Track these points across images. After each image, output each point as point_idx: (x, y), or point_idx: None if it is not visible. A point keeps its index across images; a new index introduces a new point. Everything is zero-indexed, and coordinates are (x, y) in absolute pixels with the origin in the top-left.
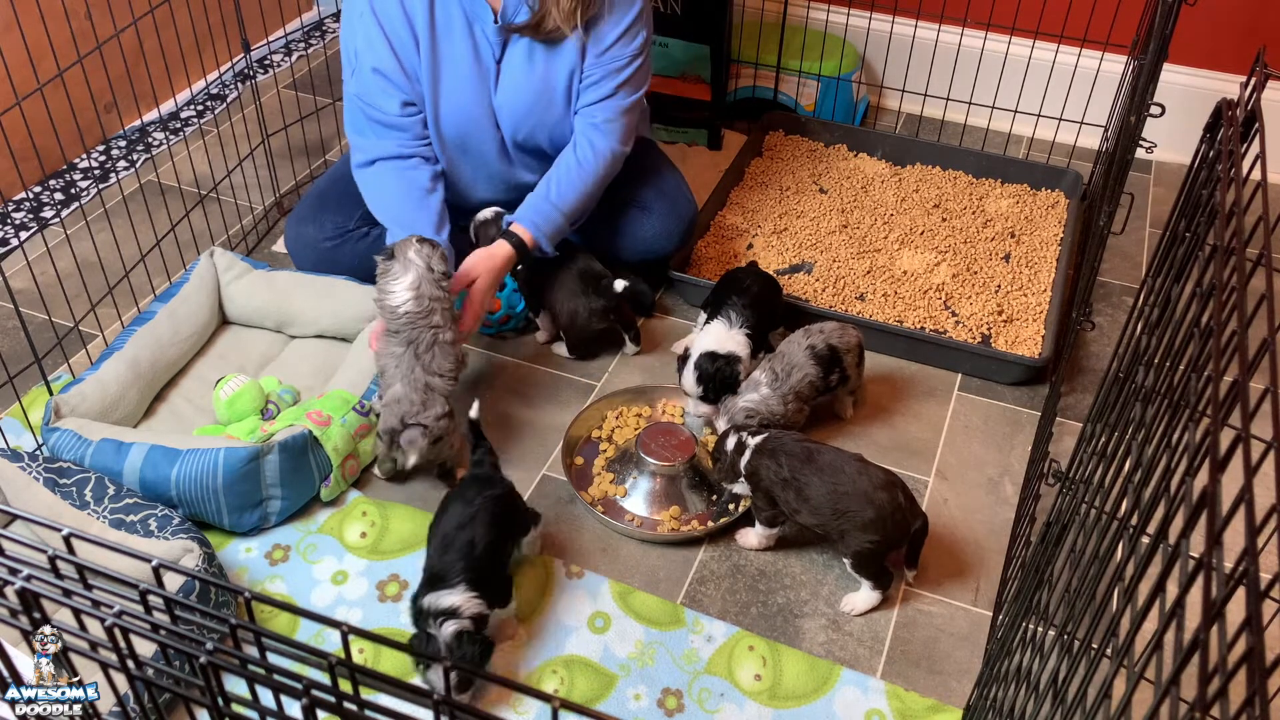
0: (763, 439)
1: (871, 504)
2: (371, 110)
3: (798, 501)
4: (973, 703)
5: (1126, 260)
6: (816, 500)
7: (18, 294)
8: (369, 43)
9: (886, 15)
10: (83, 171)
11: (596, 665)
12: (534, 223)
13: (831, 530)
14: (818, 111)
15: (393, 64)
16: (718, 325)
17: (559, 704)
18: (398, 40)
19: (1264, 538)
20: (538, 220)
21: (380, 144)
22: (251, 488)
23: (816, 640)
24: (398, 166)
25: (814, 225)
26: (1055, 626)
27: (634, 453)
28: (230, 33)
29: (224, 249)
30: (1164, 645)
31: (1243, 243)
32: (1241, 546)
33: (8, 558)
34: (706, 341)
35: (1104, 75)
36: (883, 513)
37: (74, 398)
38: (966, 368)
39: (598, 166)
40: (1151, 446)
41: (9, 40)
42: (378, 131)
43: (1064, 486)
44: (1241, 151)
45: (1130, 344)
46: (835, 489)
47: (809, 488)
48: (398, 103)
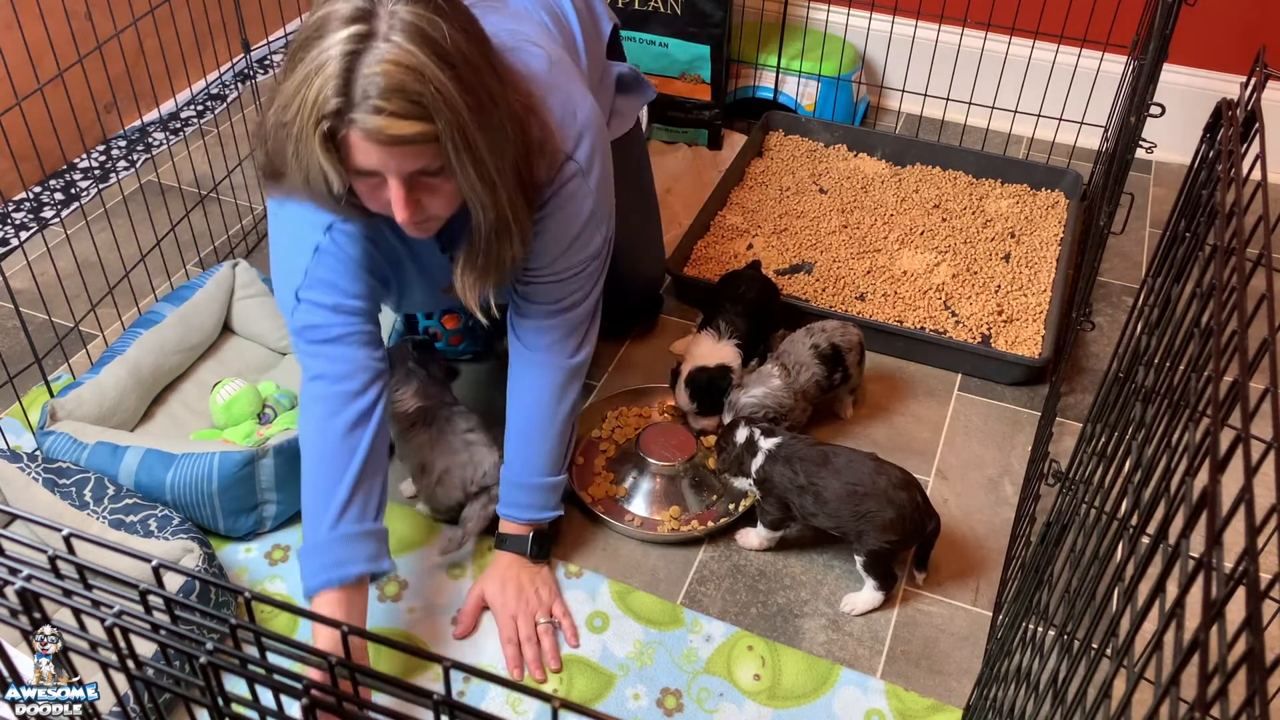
0: (776, 444)
1: (892, 504)
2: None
3: (815, 506)
4: (973, 703)
5: (1126, 260)
6: (835, 504)
7: (18, 294)
8: (321, 284)
9: (886, 15)
10: (83, 171)
11: (595, 665)
12: (514, 508)
13: (850, 531)
14: (818, 111)
15: (344, 300)
16: (707, 337)
17: (559, 704)
18: (357, 278)
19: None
20: (514, 503)
21: (314, 362)
22: (246, 492)
23: (816, 640)
24: (323, 407)
25: (814, 225)
26: (1055, 626)
27: (634, 453)
28: (230, 33)
29: (248, 264)
30: (1164, 645)
31: (1243, 243)
32: (1241, 546)
33: (8, 558)
34: (696, 355)
35: (1104, 75)
36: (903, 512)
37: (71, 402)
38: (966, 368)
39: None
40: (1151, 446)
41: (9, 40)
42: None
43: (1064, 486)
44: (1241, 151)
45: (1130, 344)
46: (854, 490)
47: (827, 491)
48: (340, 323)
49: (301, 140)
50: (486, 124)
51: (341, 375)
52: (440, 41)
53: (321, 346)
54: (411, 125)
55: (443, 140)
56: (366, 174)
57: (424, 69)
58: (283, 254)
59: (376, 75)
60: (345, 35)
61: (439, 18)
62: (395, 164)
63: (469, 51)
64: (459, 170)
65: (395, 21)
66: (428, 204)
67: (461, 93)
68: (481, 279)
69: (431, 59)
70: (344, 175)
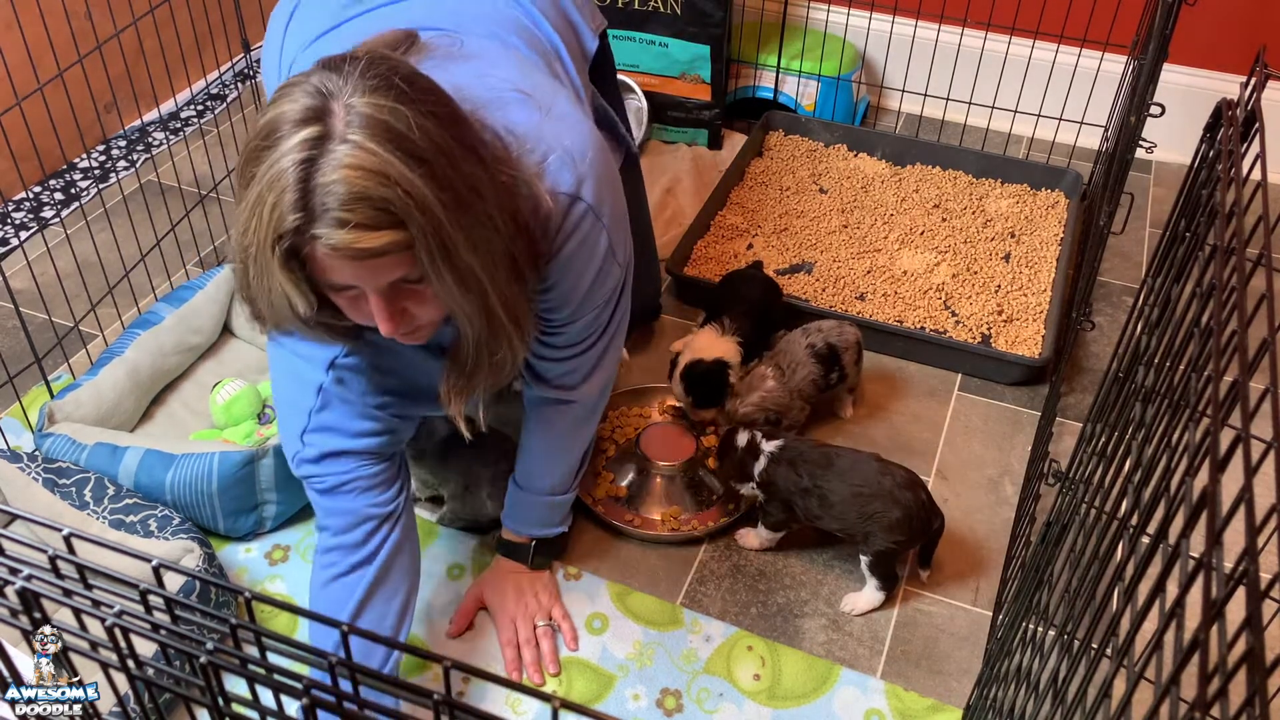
0: (779, 447)
1: (898, 504)
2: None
3: (820, 508)
4: (973, 703)
5: (1126, 260)
6: (840, 505)
7: (18, 294)
8: (323, 430)
9: (886, 15)
10: (83, 171)
11: (595, 666)
12: (519, 521)
13: (856, 533)
14: (818, 111)
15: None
16: (709, 331)
17: (559, 704)
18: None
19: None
20: (520, 517)
21: (318, 511)
22: (246, 492)
23: (816, 640)
24: (323, 559)
25: (814, 225)
26: (1055, 626)
27: (634, 453)
28: (230, 33)
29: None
30: (1164, 645)
31: (1243, 243)
32: (1241, 546)
33: (8, 558)
34: (695, 348)
35: (1104, 75)
36: (909, 512)
37: (69, 404)
38: (966, 368)
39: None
40: (1151, 446)
41: (9, 40)
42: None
43: (1064, 486)
44: (1241, 151)
45: (1130, 344)
46: (860, 492)
47: (832, 494)
48: (338, 471)
49: (259, 261)
50: (468, 221)
51: (341, 529)
52: (406, 134)
53: (321, 498)
54: (381, 236)
55: (416, 248)
56: (342, 288)
57: (388, 169)
58: (284, 397)
59: (336, 183)
60: (297, 140)
61: (402, 105)
62: (370, 278)
63: (440, 139)
64: (435, 279)
65: (352, 117)
66: (416, 313)
67: (435, 191)
68: (468, 386)
69: (397, 156)
70: (310, 298)
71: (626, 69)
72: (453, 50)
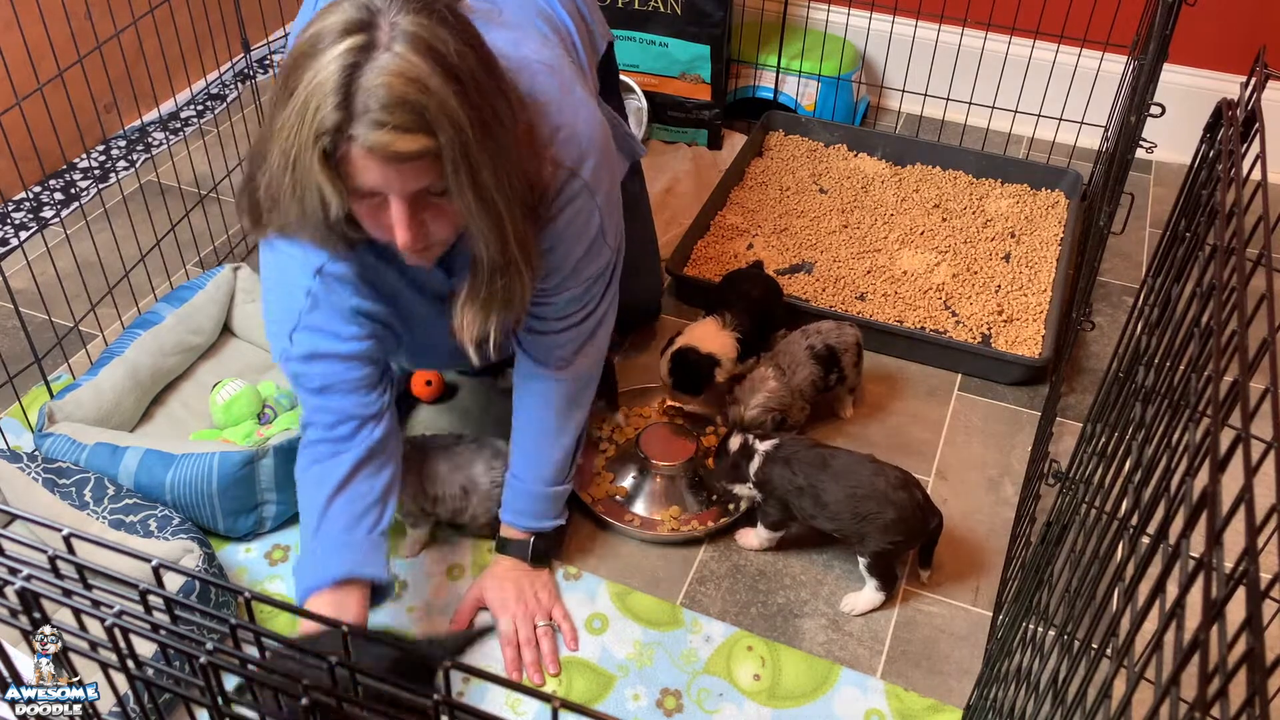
0: (774, 446)
1: (892, 505)
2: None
3: (815, 508)
4: (973, 703)
5: (1126, 260)
6: (835, 506)
7: (18, 294)
8: (311, 330)
9: (886, 15)
10: (83, 171)
11: (595, 666)
12: (516, 515)
13: (851, 534)
14: (818, 111)
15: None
16: (711, 322)
17: (559, 704)
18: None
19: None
20: (517, 510)
21: (306, 409)
22: (246, 492)
23: (816, 640)
24: (309, 453)
25: (814, 225)
26: (1055, 626)
27: (634, 453)
28: (230, 33)
29: (250, 269)
30: (1164, 645)
31: (1243, 243)
32: (1241, 546)
33: (8, 558)
34: (694, 335)
35: (1104, 75)
36: (904, 513)
37: (69, 404)
38: (966, 368)
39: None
40: (1151, 446)
41: (9, 40)
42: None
43: (1064, 486)
44: (1241, 151)
45: (1130, 344)
46: (854, 492)
47: (826, 494)
48: (326, 372)
49: (299, 161)
50: (492, 146)
51: (327, 424)
52: (445, 54)
53: (308, 395)
54: (414, 140)
55: (444, 158)
56: (367, 195)
57: (428, 81)
58: (274, 297)
59: (379, 87)
60: (344, 48)
61: (444, 29)
62: (398, 182)
63: (475, 68)
64: (457, 192)
65: (397, 32)
66: (432, 228)
67: (467, 109)
68: (483, 314)
69: (436, 71)
70: (344, 197)
71: (626, 69)
72: (492, 16)
